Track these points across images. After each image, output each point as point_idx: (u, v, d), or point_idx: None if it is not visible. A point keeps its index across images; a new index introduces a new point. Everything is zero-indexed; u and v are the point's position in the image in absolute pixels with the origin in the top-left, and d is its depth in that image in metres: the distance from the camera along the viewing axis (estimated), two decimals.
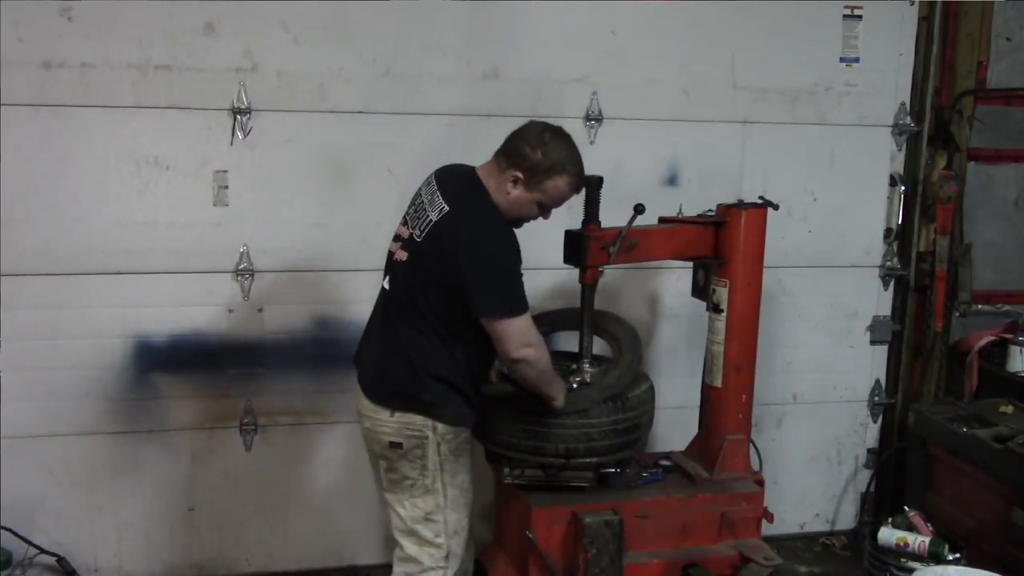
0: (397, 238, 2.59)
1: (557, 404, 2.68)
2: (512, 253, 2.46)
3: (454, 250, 2.40)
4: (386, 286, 2.59)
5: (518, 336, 2.43)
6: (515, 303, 2.44)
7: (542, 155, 2.46)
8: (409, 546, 2.55)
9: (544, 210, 2.57)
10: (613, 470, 2.90)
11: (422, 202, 2.54)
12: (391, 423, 2.49)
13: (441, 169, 2.62)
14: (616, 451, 2.79)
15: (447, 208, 2.45)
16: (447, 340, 2.48)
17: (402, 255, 2.53)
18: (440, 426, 2.48)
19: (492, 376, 2.85)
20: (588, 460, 2.76)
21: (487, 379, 2.78)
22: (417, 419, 2.48)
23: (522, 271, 2.47)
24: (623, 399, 2.78)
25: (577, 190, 2.61)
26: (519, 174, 2.47)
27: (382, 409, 2.50)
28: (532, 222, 2.60)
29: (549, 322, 3.18)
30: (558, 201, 2.57)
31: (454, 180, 2.55)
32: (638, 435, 2.86)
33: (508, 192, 2.49)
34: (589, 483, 2.85)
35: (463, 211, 2.45)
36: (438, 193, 2.51)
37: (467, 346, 2.50)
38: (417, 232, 2.49)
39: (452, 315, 2.45)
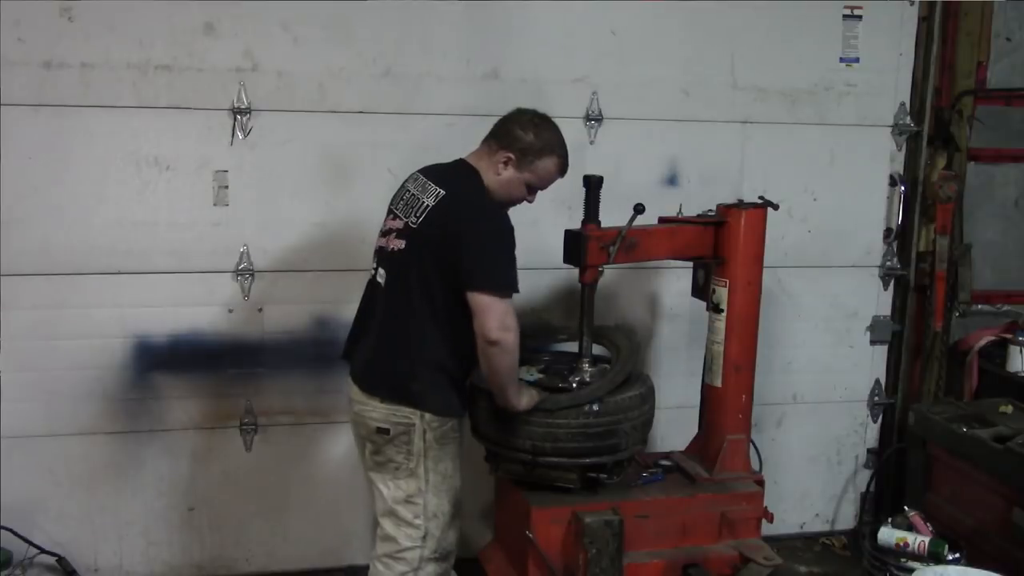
0: (388, 232, 2.63)
1: (519, 405, 2.65)
2: (510, 235, 2.51)
3: (456, 229, 2.46)
4: (380, 280, 2.62)
5: (501, 316, 2.43)
6: (507, 282, 2.47)
7: (533, 136, 2.58)
8: (388, 526, 2.61)
9: (531, 192, 2.66)
10: (601, 475, 2.81)
11: (412, 194, 2.61)
12: (380, 409, 2.55)
13: (423, 167, 2.69)
14: (587, 455, 2.74)
15: (443, 192, 2.53)
16: (443, 325, 2.51)
17: (398, 244, 2.57)
18: (427, 414, 2.53)
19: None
20: (556, 460, 2.74)
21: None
22: (405, 408, 2.52)
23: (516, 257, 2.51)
24: (596, 404, 2.72)
25: (563, 172, 2.69)
26: (511, 155, 2.58)
27: (372, 397, 2.56)
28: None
29: (570, 333, 3.20)
30: (546, 182, 2.67)
31: (443, 170, 2.65)
32: (614, 441, 2.75)
33: (499, 173, 2.59)
34: (574, 485, 2.81)
35: (462, 193, 2.54)
36: (429, 183, 2.59)
37: (463, 332, 2.51)
38: (413, 219, 2.54)
39: (449, 298, 2.48)
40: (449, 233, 2.46)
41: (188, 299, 3.29)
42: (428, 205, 2.52)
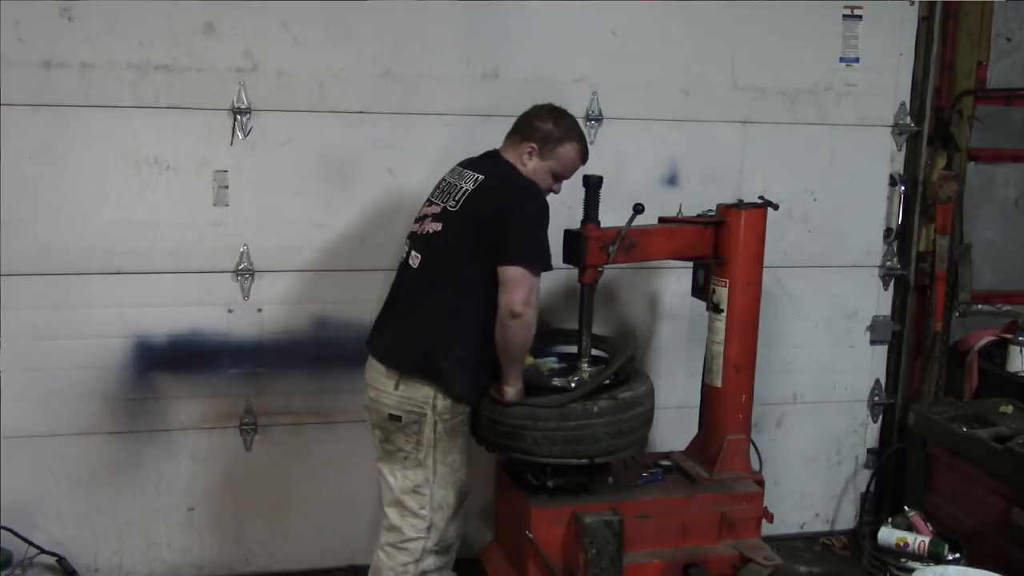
0: (422, 218, 2.71)
1: (510, 389, 2.69)
2: (547, 215, 2.61)
3: (501, 206, 2.56)
4: (412, 264, 2.67)
5: (528, 290, 2.52)
6: (541, 258, 2.56)
7: (553, 124, 2.69)
8: (393, 516, 2.65)
9: (557, 180, 2.75)
10: (531, 475, 2.83)
11: (449, 182, 2.71)
12: (394, 396, 2.59)
13: (462, 160, 2.80)
14: (500, 449, 2.79)
15: (481, 177, 2.63)
16: (474, 306, 2.57)
17: (435, 226, 2.64)
18: (440, 403, 2.58)
19: None
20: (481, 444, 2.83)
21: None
22: (420, 394, 2.57)
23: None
24: (505, 403, 2.72)
25: (584, 159, 2.78)
26: (534, 144, 2.68)
27: (389, 380, 2.60)
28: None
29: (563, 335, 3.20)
30: (569, 169, 2.76)
31: (479, 159, 2.76)
32: (522, 444, 2.70)
33: (525, 164, 2.69)
34: (535, 482, 2.84)
35: (501, 177, 2.64)
36: (466, 171, 2.70)
37: (493, 315, 2.56)
38: (452, 203, 2.63)
39: (484, 278, 2.55)
40: (494, 211, 2.55)
41: (188, 299, 3.28)
42: (467, 189, 2.61)
